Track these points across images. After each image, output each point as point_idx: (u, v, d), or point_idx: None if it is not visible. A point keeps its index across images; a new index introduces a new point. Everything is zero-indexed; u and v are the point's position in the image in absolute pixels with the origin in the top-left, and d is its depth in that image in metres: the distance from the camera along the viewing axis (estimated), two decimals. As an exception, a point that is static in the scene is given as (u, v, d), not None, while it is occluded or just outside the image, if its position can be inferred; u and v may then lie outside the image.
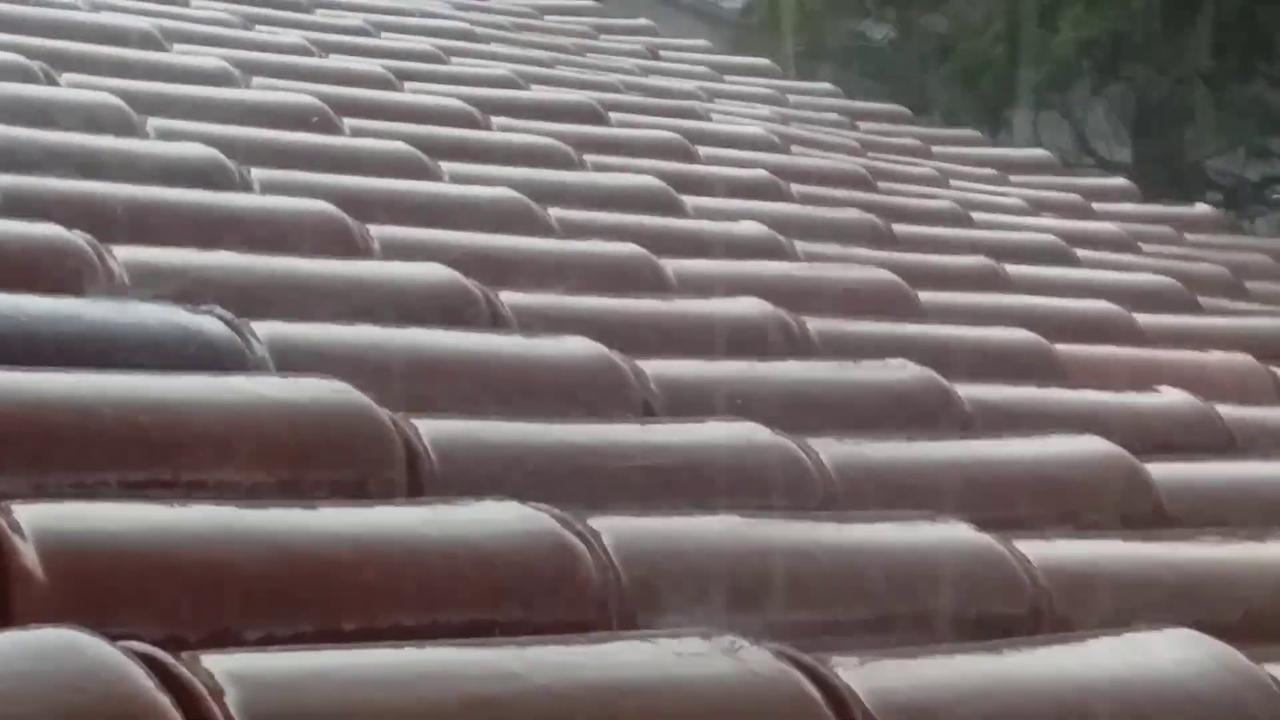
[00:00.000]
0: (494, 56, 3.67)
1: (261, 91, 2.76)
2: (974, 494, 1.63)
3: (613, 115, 3.25)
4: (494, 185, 2.45)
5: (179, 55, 2.86)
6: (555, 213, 2.39)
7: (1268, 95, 8.58)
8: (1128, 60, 8.30)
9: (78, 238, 1.69)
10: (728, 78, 4.32)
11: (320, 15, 3.63)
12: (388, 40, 3.52)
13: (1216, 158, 8.95)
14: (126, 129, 2.29)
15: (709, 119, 3.55)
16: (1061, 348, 2.22)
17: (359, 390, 1.44)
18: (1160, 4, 7.96)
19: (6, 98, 2.28)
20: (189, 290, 1.65)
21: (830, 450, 1.61)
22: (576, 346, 1.74)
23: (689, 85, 3.98)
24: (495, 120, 2.96)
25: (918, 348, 2.00)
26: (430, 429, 1.44)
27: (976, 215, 3.21)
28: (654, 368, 1.75)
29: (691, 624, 1.22)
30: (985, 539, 1.45)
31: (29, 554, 1.11)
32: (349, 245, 2.01)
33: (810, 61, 8.19)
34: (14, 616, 1.08)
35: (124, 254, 1.69)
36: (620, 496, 1.45)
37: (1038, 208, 3.51)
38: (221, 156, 2.17)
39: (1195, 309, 2.81)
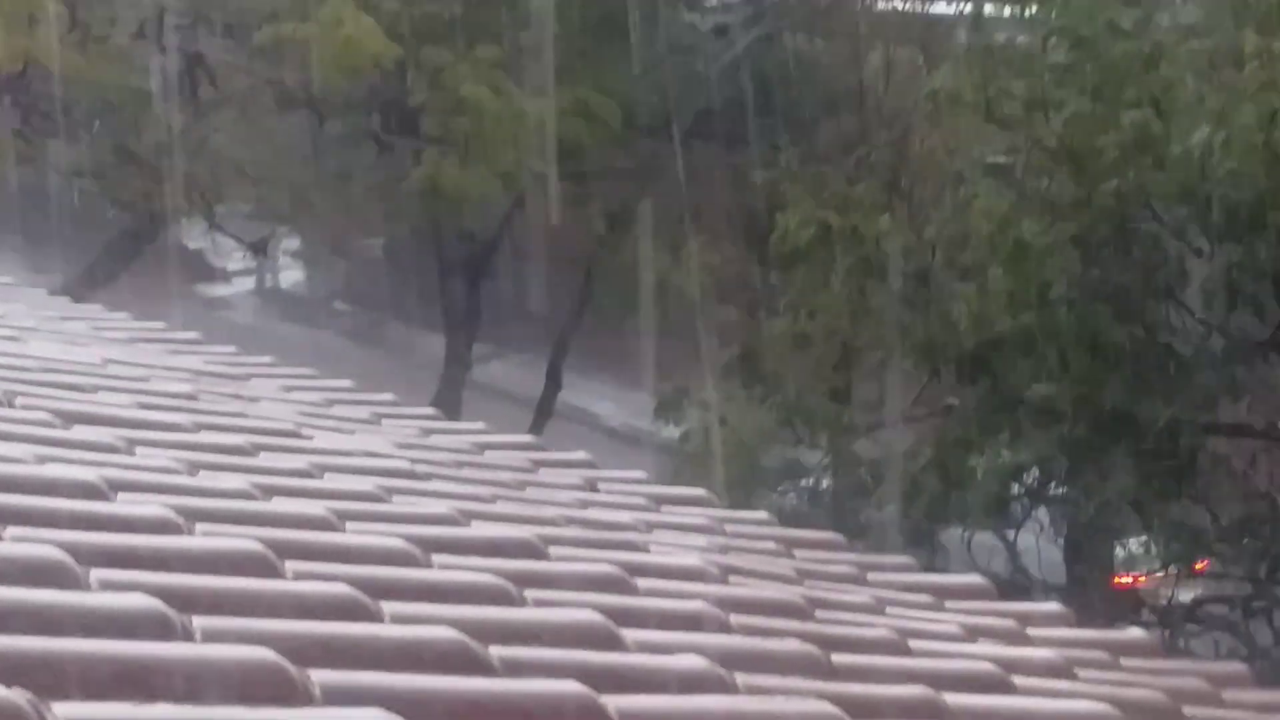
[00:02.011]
0: (435, 494, 3.72)
1: (204, 538, 2.79)
2: None
3: (552, 550, 3.29)
4: (434, 624, 2.46)
5: (122, 505, 2.89)
6: (495, 651, 2.40)
7: (1193, 516, 8.75)
8: (1056, 485, 8.49)
9: (17, 696, 1.69)
10: (665, 508, 4.38)
11: (264, 459, 3.69)
12: (330, 481, 3.57)
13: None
14: (69, 582, 2.30)
15: (647, 550, 3.60)
16: (1003, 778, 2.22)
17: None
18: (1084, 431, 8.19)
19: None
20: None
21: None
22: (517, 792, 1.73)
23: (627, 517, 4.04)
24: (436, 558, 2.99)
25: (860, 782, 2.00)
26: None
27: (914, 643, 3.23)
28: (596, 812, 1.74)
29: None
30: None
31: None
32: (290, 692, 2.01)
33: (746, 488, 8.32)
34: None
35: (63, 711, 1.69)
36: None
37: (974, 634, 3.53)
38: (163, 606, 2.19)
39: (1134, 734, 2.82)
